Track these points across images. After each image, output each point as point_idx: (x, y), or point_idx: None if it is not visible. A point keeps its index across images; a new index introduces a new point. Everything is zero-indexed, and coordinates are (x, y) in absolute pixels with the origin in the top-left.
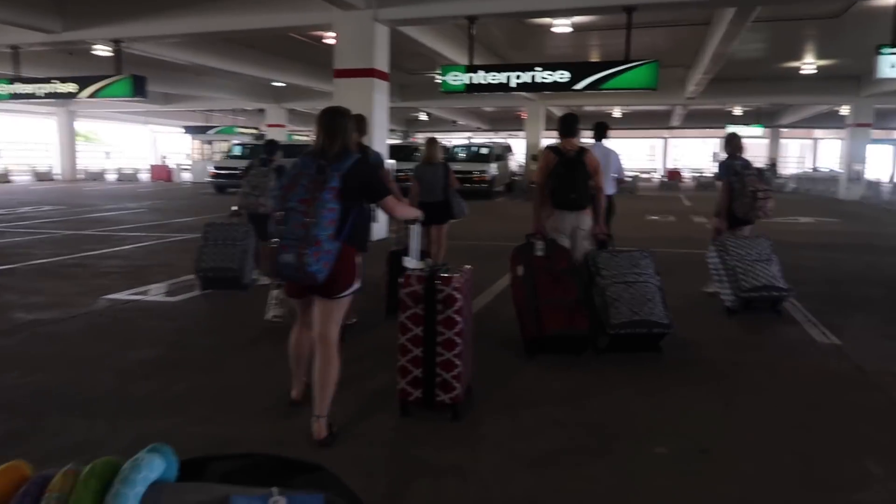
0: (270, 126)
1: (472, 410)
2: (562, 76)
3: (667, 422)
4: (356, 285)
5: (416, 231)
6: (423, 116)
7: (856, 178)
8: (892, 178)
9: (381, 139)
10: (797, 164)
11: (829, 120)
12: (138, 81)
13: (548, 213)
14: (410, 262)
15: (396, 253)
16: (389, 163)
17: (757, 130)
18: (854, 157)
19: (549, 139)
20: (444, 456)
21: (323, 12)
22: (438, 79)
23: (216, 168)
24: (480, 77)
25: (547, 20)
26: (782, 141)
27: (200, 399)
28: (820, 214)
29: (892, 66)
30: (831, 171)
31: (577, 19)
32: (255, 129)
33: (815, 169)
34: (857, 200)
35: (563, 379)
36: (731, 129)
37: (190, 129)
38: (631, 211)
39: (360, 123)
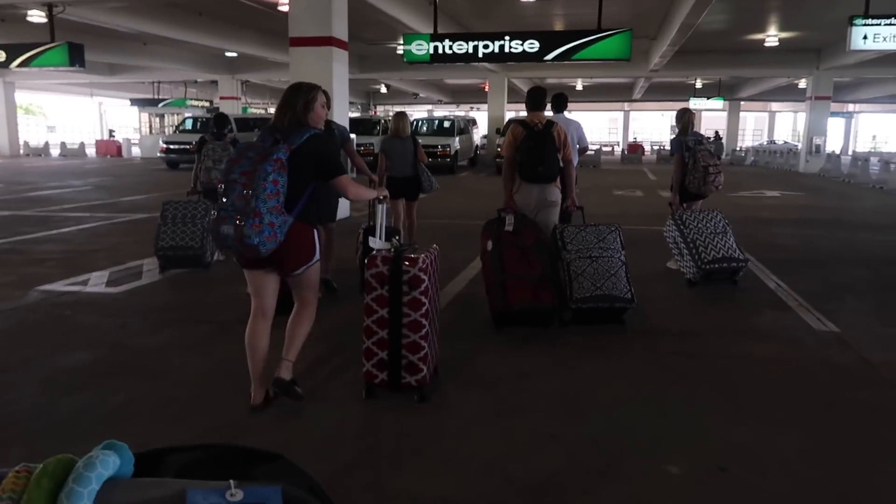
0: (223, 98)
1: (437, 391)
2: (531, 46)
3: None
4: (313, 259)
5: (381, 210)
6: (382, 89)
7: (816, 151)
8: (843, 149)
9: (342, 112)
10: (754, 137)
11: (788, 93)
12: (75, 49)
13: (517, 186)
14: (376, 243)
15: (368, 230)
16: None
17: (717, 103)
18: (814, 130)
19: (512, 112)
20: (408, 440)
21: None
22: (401, 49)
23: (167, 143)
24: (446, 46)
25: None
26: (741, 114)
27: (141, 413)
28: (783, 188)
29: (865, 38)
30: (786, 143)
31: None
32: (208, 101)
33: (771, 142)
34: (817, 174)
35: (526, 355)
36: (693, 101)
37: (137, 102)
38: (597, 186)
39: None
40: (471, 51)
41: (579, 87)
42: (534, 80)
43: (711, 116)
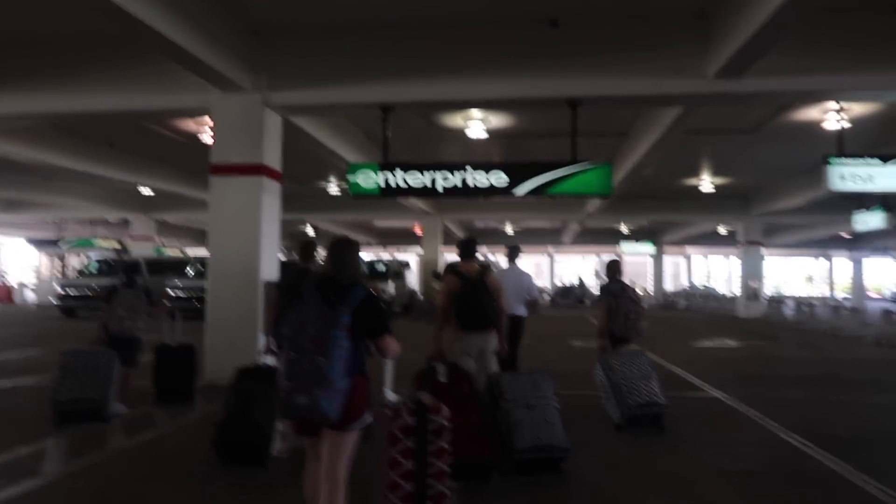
0: (135, 238)
1: None
2: (498, 179)
3: None
4: (367, 417)
5: (390, 365)
6: (309, 230)
7: (753, 295)
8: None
9: (270, 256)
10: (672, 281)
11: (712, 239)
12: None
13: (456, 335)
14: (390, 395)
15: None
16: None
17: (647, 247)
18: (749, 274)
19: (448, 255)
20: None
21: (197, 94)
22: (332, 188)
23: (64, 286)
24: (398, 178)
25: (459, 123)
26: (665, 257)
27: None
28: (739, 336)
29: (842, 178)
30: (706, 287)
31: (493, 124)
32: (118, 241)
33: (690, 286)
34: (760, 318)
35: None
36: (623, 245)
37: (36, 242)
38: (549, 334)
39: (308, 248)
40: (428, 183)
41: (510, 231)
42: (463, 222)
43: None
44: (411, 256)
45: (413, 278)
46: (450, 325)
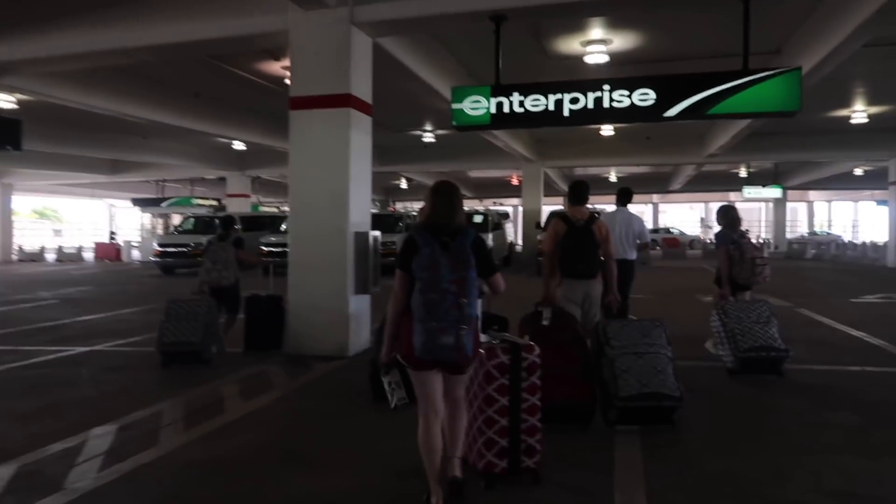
0: (231, 196)
1: None
2: (643, 98)
3: None
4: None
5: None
6: (403, 184)
7: None
8: None
9: (361, 202)
10: (790, 229)
11: (842, 181)
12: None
13: (558, 281)
14: (483, 336)
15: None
16: (375, 234)
17: (775, 191)
18: None
19: (549, 206)
20: None
21: (274, 15)
22: (427, 136)
23: (161, 245)
24: (514, 102)
25: (576, 48)
26: (789, 205)
27: None
28: None
29: None
30: (829, 234)
31: (617, 45)
32: (216, 200)
33: (812, 233)
34: None
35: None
36: (747, 190)
37: (139, 202)
38: (674, 288)
39: None
40: (552, 107)
41: (613, 178)
42: (564, 169)
43: (745, 208)
44: (509, 209)
45: (512, 230)
46: (557, 271)
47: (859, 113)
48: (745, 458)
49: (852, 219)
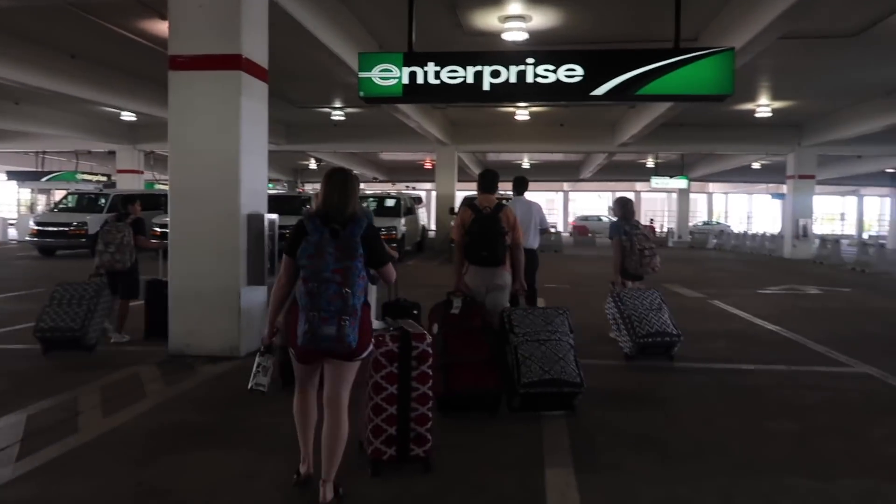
0: (122, 172)
1: None
2: (570, 74)
3: None
4: (371, 345)
5: (374, 293)
6: (312, 165)
7: (802, 234)
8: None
9: (255, 179)
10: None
11: (741, 174)
12: None
13: (467, 269)
14: (375, 323)
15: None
16: (271, 217)
17: (682, 182)
18: (799, 211)
19: (464, 191)
20: None
21: None
22: (337, 114)
23: (38, 224)
24: (429, 72)
25: (494, 24)
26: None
27: None
28: (811, 281)
29: None
30: (718, 224)
31: (536, 23)
32: (106, 176)
33: (705, 223)
34: (811, 260)
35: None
36: (655, 180)
37: (15, 175)
38: (589, 277)
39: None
40: (470, 80)
41: (526, 164)
42: (477, 153)
43: (649, 199)
44: (422, 194)
45: (425, 215)
46: (465, 259)
47: (763, 107)
48: (687, 480)
49: (747, 211)
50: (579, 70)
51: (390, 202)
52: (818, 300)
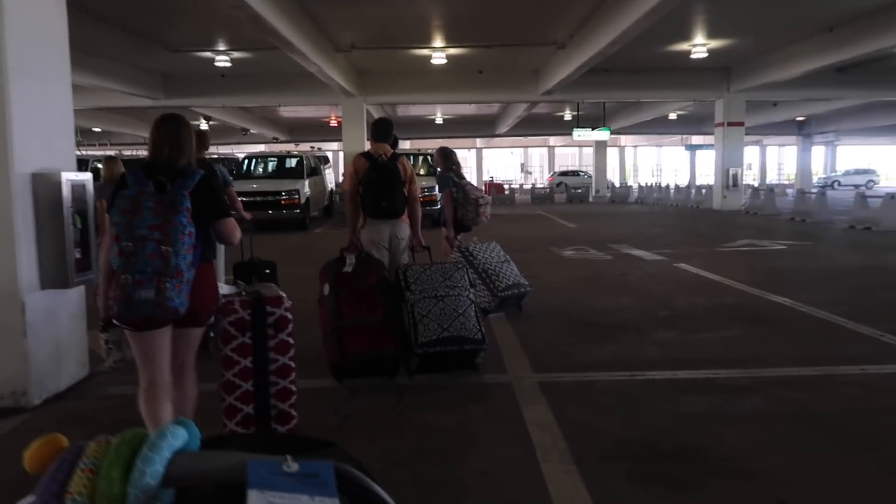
0: None
1: None
2: None
3: None
4: (218, 301)
5: (222, 254)
6: (203, 125)
7: (733, 185)
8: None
9: (48, 117)
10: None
11: (660, 125)
12: None
13: (362, 223)
14: (223, 287)
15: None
16: (77, 179)
17: (604, 134)
18: (729, 160)
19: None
20: None
21: None
22: (221, 60)
23: None
24: None
25: None
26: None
27: None
28: (759, 236)
29: None
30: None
31: None
32: None
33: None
34: (741, 210)
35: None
36: (577, 133)
37: None
38: (526, 242)
39: (202, 138)
40: None
41: (439, 120)
42: (386, 106)
43: (562, 153)
44: (329, 154)
45: (332, 177)
46: (359, 212)
47: (699, 47)
48: None
49: (655, 163)
50: None
51: (291, 162)
52: (791, 258)
